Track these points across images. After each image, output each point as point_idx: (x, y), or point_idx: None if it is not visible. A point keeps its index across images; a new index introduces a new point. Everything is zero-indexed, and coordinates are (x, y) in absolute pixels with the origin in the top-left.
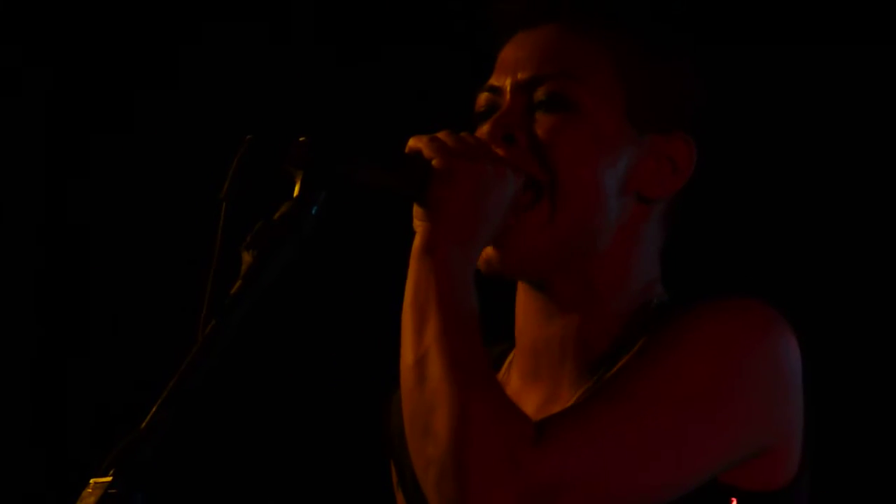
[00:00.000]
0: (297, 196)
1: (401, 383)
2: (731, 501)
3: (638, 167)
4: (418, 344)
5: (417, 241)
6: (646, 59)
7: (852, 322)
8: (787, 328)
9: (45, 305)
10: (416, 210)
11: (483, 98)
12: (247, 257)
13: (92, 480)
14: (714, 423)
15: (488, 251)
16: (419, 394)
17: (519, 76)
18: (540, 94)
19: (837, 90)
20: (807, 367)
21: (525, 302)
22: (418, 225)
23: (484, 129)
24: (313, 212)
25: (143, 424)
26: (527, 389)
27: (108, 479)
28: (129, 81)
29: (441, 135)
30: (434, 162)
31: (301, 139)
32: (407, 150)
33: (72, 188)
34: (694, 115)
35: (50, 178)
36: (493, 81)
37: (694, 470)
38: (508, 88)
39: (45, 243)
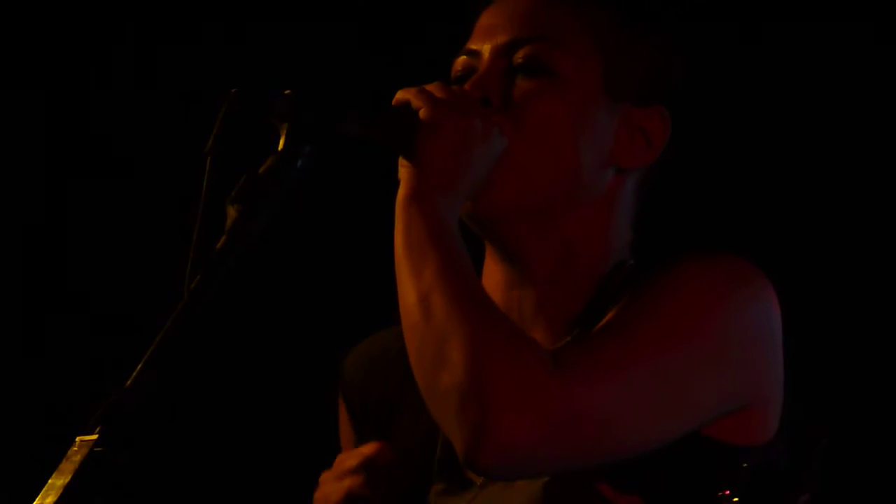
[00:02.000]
0: (281, 149)
1: (403, 322)
2: (725, 493)
3: (612, 136)
4: (419, 282)
5: (403, 189)
6: (624, 32)
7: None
8: (769, 282)
9: (29, 254)
10: (402, 162)
11: (460, 62)
12: (232, 212)
13: (78, 438)
14: (712, 366)
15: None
16: (427, 327)
17: (498, 40)
18: (518, 57)
19: (818, 68)
20: (786, 326)
21: (494, 268)
22: (403, 174)
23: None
24: (298, 165)
25: (129, 382)
26: None
27: (94, 436)
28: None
29: (430, 87)
30: (422, 112)
31: (286, 92)
32: (395, 101)
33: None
34: (670, 91)
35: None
36: (471, 45)
37: (691, 413)
38: (487, 52)
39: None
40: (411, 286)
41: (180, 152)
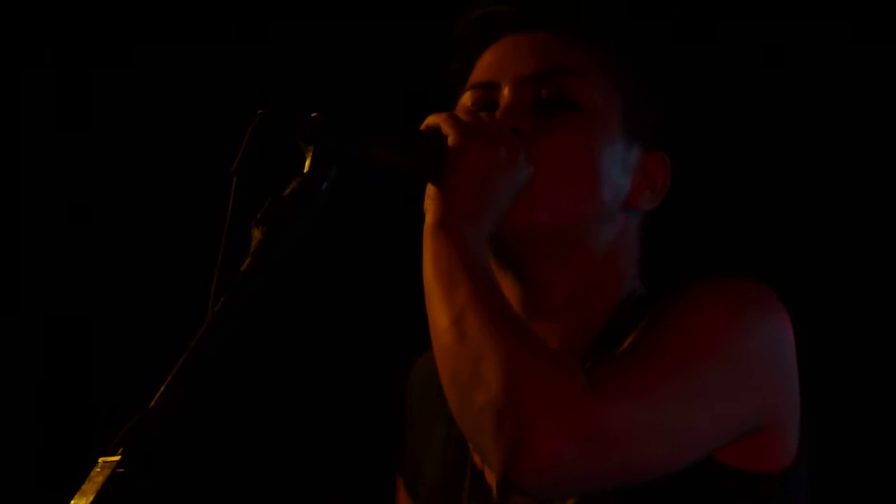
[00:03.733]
0: (307, 172)
1: (435, 347)
2: None
3: (629, 177)
4: (451, 306)
5: (430, 218)
6: (636, 75)
7: (836, 317)
8: (783, 307)
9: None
10: (429, 188)
11: (474, 95)
12: (257, 234)
13: (101, 459)
14: (729, 389)
15: None
16: (461, 348)
17: (521, 72)
18: (545, 90)
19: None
20: (801, 353)
21: (508, 297)
22: (430, 204)
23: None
24: (324, 188)
25: (153, 403)
26: None
27: (117, 458)
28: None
29: (461, 113)
30: (451, 139)
31: (312, 115)
32: (423, 126)
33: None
34: (670, 136)
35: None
36: (486, 78)
37: (711, 435)
38: (509, 83)
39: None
40: (443, 311)
41: (206, 171)
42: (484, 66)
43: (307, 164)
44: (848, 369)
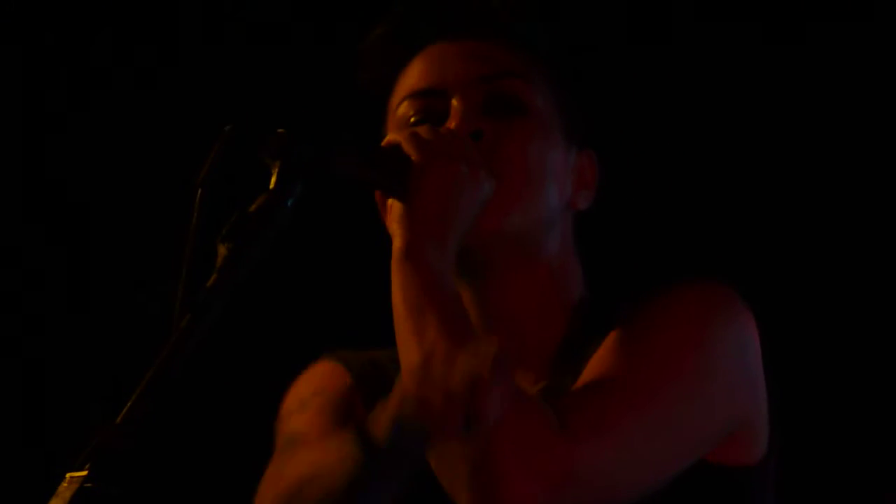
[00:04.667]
0: (273, 188)
1: (406, 381)
2: None
3: (569, 178)
4: (420, 344)
5: (398, 243)
6: (565, 76)
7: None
8: (745, 306)
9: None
10: (394, 207)
11: (415, 104)
12: (222, 250)
13: (68, 475)
14: (702, 402)
15: None
16: (432, 390)
17: (469, 75)
18: (494, 93)
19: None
20: (765, 348)
21: (469, 308)
22: (396, 227)
23: (450, 124)
24: (289, 204)
25: (120, 418)
26: None
27: (84, 472)
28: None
29: (421, 130)
30: (414, 158)
31: (279, 130)
32: (385, 143)
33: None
34: (596, 136)
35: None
36: (425, 85)
37: (686, 451)
38: (459, 88)
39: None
40: (414, 349)
41: (170, 184)
42: (419, 74)
43: (273, 180)
44: (809, 361)
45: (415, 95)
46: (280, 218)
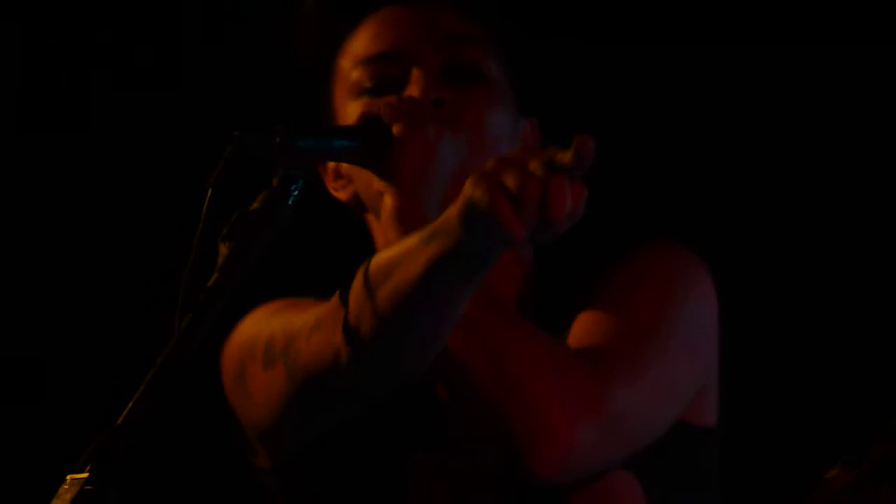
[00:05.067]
0: (273, 186)
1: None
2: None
3: (516, 144)
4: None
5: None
6: (512, 45)
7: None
8: (709, 272)
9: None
10: (376, 182)
11: (370, 69)
12: (223, 249)
13: (69, 476)
14: (687, 354)
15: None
16: (475, 353)
17: (428, 42)
18: (452, 60)
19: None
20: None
21: None
22: (389, 202)
23: (411, 93)
24: (290, 202)
25: (120, 420)
26: None
27: (85, 475)
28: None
29: (391, 100)
30: (397, 127)
31: (277, 127)
32: (362, 117)
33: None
34: (536, 101)
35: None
36: (379, 50)
37: (682, 399)
38: (418, 55)
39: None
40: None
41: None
42: (372, 39)
43: (275, 179)
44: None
45: (369, 61)
46: (281, 216)
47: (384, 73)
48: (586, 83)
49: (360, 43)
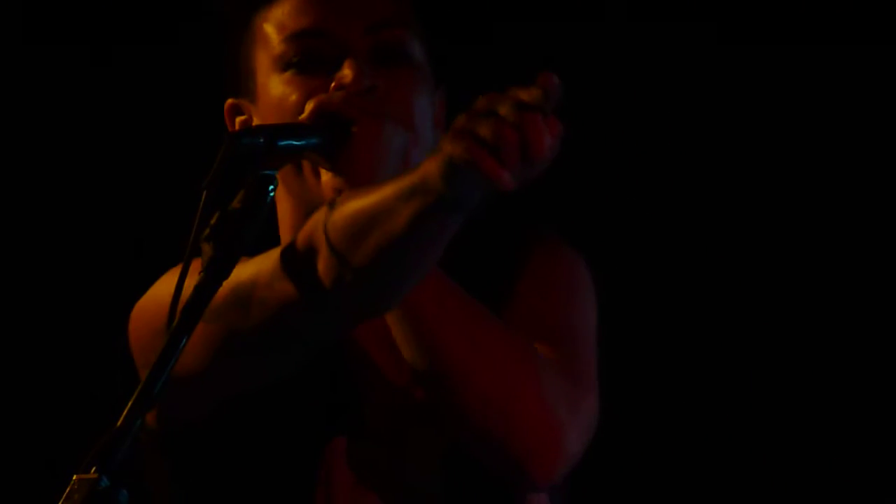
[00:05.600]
0: (251, 185)
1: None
2: None
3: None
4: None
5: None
6: (422, 18)
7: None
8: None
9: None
10: (329, 178)
11: (299, 44)
12: (207, 249)
13: (75, 476)
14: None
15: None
16: (473, 362)
17: (356, 23)
18: (380, 42)
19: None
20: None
21: None
22: (332, 184)
23: (344, 78)
24: (269, 199)
25: (120, 420)
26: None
27: (92, 475)
28: None
29: (338, 95)
30: (357, 126)
31: (258, 128)
32: (315, 110)
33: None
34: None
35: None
36: (308, 25)
37: None
38: (344, 35)
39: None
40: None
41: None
42: (298, 12)
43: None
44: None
45: (298, 35)
46: (261, 214)
47: (312, 49)
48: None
49: (288, 13)
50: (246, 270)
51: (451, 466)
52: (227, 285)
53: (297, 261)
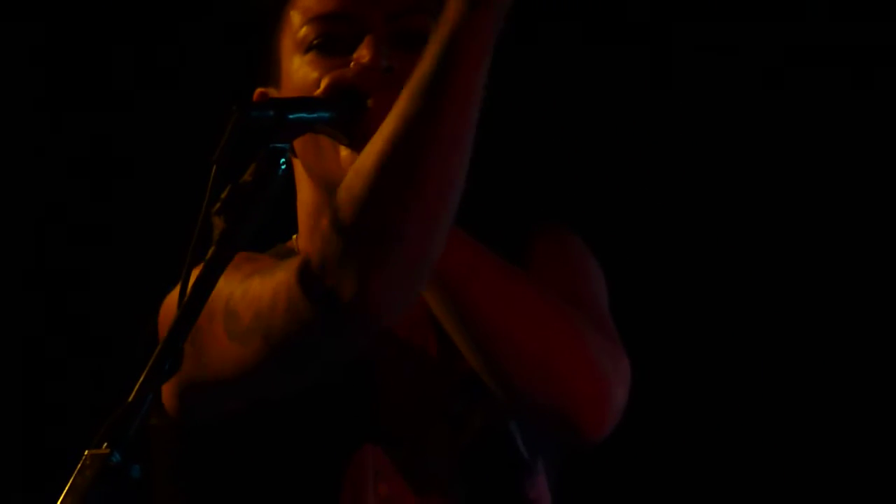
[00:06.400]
0: (262, 158)
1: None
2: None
3: None
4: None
5: None
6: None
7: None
8: None
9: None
10: (346, 150)
11: (317, 27)
12: (218, 223)
13: (87, 452)
14: None
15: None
16: (521, 325)
17: (380, 7)
18: (403, 28)
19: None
20: None
21: None
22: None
23: (362, 58)
24: (280, 172)
25: (131, 396)
26: None
27: (105, 451)
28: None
29: (353, 69)
30: (372, 100)
31: (268, 100)
32: (330, 84)
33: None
34: None
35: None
36: (334, 9)
37: None
38: (368, 19)
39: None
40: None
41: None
42: None
43: (261, 151)
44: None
45: (321, 18)
46: (273, 188)
47: (333, 32)
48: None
49: (311, 1)
50: (266, 288)
51: (470, 467)
52: (250, 307)
53: (313, 278)
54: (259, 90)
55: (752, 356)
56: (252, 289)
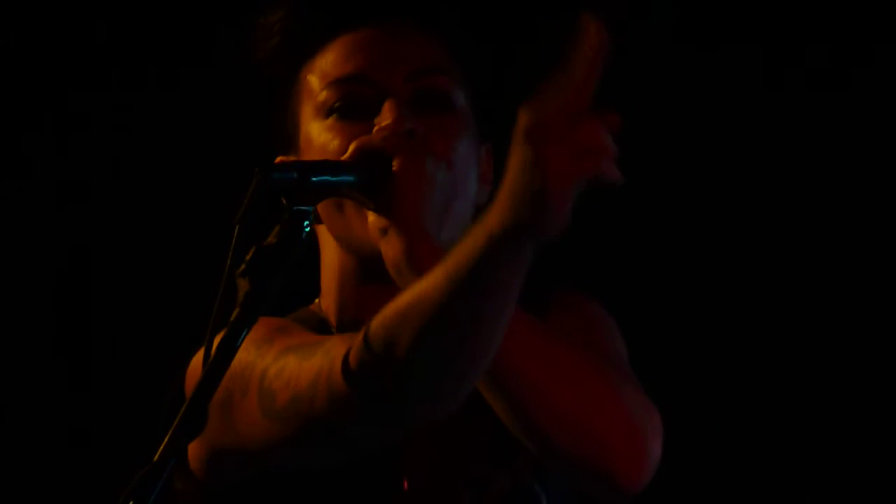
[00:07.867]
0: (286, 220)
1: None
2: None
3: (477, 173)
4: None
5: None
6: (471, 68)
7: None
8: None
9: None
10: (378, 220)
11: (338, 90)
12: (243, 284)
13: None
14: None
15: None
16: (558, 384)
17: (400, 69)
18: (422, 89)
19: None
20: None
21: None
22: (379, 230)
23: (384, 121)
24: (304, 235)
25: (157, 456)
26: None
27: None
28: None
29: (388, 133)
30: (397, 163)
31: (291, 163)
32: (357, 150)
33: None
34: (490, 129)
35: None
36: (353, 71)
37: None
38: (388, 81)
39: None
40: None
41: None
42: (344, 59)
43: (286, 213)
44: None
45: (340, 82)
46: (297, 249)
47: (354, 95)
48: None
49: (331, 62)
50: (305, 371)
51: None
52: (286, 387)
53: (356, 371)
54: (279, 158)
55: (752, 357)
56: (288, 368)
